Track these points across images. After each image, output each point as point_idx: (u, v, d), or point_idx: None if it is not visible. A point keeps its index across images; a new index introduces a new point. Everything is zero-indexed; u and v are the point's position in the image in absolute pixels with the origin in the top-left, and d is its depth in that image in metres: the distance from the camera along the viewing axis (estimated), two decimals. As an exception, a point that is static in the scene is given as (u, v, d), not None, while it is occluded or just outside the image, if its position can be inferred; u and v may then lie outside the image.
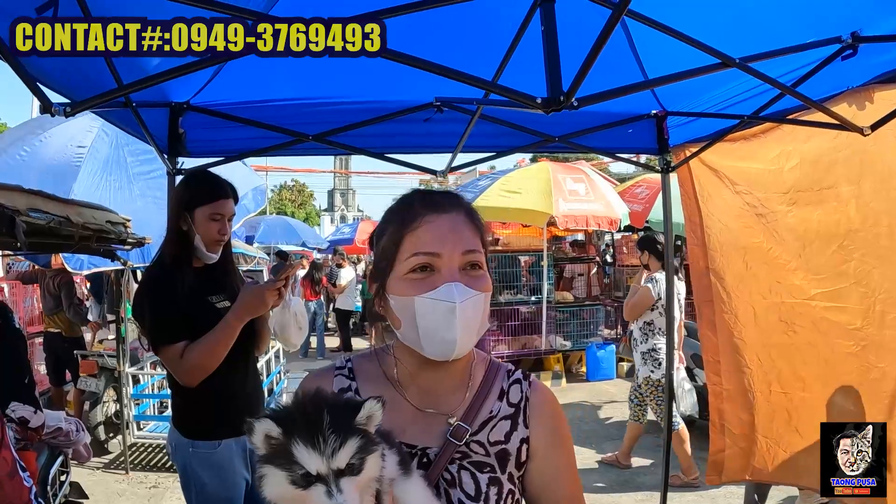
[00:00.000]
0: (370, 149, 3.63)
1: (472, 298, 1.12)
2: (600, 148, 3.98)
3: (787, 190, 3.11)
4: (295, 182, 68.38)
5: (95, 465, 5.84)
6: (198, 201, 2.52)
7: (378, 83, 3.17)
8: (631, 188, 10.32)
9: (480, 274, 1.17)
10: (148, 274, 2.59)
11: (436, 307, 1.11)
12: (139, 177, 5.49)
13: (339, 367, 1.29)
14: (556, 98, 1.68)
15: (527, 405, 1.26)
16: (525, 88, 1.75)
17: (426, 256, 1.14)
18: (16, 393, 2.56)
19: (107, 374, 6.02)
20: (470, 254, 1.16)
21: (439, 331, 1.12)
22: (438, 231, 1.15)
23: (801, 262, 3.11)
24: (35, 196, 2.57)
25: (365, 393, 1.22)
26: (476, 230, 1.20)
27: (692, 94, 3.45)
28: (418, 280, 1.14)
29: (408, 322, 1.15)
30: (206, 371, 2.40)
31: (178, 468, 2.61)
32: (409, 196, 1.25)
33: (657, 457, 5.82)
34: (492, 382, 1.27)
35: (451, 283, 1.12)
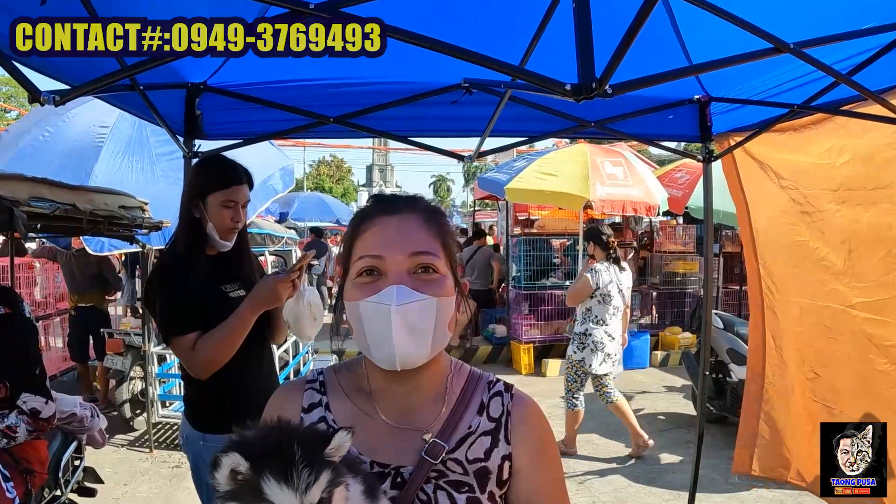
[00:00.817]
0: (394, 132, 3.49)
1: (417, 302, 1.05)
2: (638, 135, 3.78)
3: (836, 187, 2.88)
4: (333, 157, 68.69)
5: (120, 443, 5.88)
6: (210, 188, 2.42)
7: (403, 64, 3.01)
8: (671, 172, 10.01)
9: (434, 278, 1.10)
10: (160, 261, 2.52)
11: (377, 311, 1.06)
12: (161, 157, 5.42)
13: (311, 380, 1.22)
14: (587, 84, 1.50)
15: (508, 419, 1.17)
16: (557, 73, 1.58)
17: (370, 259, 1.09)
18: (27, 384, 2.52)
19: (133, 352, 6.03)
20: (420, 255, 1.09)
21: (381, 337, 1.06)
22: (385, 233, 1.11)
23: (846, 267, 2.90)
24: (39, 184, 2.48)
25: (336, 408, 1.17)
26: (435, 232, 1.13)
27: (738, 80, 3.23)
28: (365, 284, 1.09)
29: (358, 328, 1.10)
30: (218, 364, 2.33)
31: (190, 460, 2.56)
32: (370, 199, 1.21)
33: (688, 454, 5.64)
34: (471, 395, 1.19)
35: (393, 286, 1.06)
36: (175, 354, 2.41)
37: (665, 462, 5.65)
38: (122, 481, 5.05)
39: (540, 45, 2.43)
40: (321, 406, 1.17)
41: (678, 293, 10.42)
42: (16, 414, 2.47)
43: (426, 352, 1.09)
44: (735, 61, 1.87)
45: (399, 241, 1.09)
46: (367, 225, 1.12)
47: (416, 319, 1.05)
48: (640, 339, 9.23)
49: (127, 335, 6.14)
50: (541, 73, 1.59)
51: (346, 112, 3.24)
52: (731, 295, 10.59)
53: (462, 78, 2.99)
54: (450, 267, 1.13)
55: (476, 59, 1.56)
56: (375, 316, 1.05)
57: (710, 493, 4.86)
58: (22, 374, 2.52)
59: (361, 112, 3.23)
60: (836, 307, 2.99)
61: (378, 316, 1.05)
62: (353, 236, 1.14)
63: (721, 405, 6.22)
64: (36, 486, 2.73)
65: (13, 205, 2.15)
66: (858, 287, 2.81)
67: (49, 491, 2.96)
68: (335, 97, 3.25)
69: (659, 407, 7.27)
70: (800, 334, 3.22)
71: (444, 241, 1.14)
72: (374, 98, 3.21)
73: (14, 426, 2.46)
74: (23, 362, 2.54)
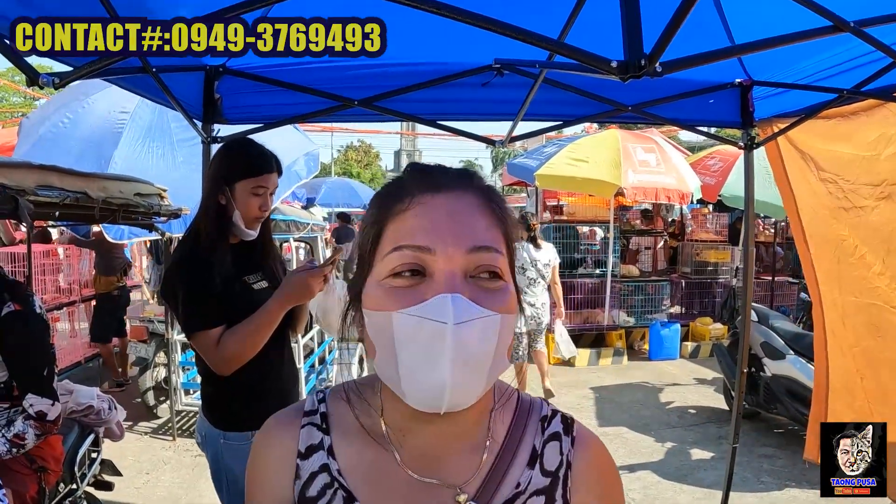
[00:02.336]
0: (421, 115, 3.37)
1: (480, 321, 0.75)
2: (677, 119, 3.61)
3: (879, 182, 2.71)
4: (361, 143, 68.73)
5: (144, 431, 5.87)
6: (239, 174, 2.27)
7: (430, 44, 2.87)
8: (703, 160, 9.76)
9: (498, 286, 0.80)
10: (180, 251, 2.34)
11: (420, 329, 0.75)
12: (183, 143, 5.33)
13: (309, 410, 0.93)
14: (635, 62, 1.37)
15: (569, 474, 0.88)
16: (596, 49, 1.44)
17: (413, 252, 0.78)
18: (35, 384, 2.43)
19: (157, 339, 6.02)
20: (482, 252, 0.79)
21: (424, 367, 0.75)
22: (432, 216, 0.80)
23: (884, 267, 2.73)
24: (49, 172, 2.39)
25: (341, 454, 0.88)
26: (496, 220, 0.83)
27: (783, 63, 3.04)
28: (402, 288, 0.78)
29: (384, 351, 0.79)
30: (243, 360, 2.20)
31: (209, 459, 2.43)
32: (406, 169, 0.89)
33: (720, 450, 5.49)
34: (519, 439, 0.90)
35: (446, 294, 0.75)
36: (197, 350, 2.24)
37: (696, 458, 5.49)
38: (145, 470, 5.02)
39: (577, 23, 2.27)
40: (323, 450, 0.89)
41: (709, 283, 10.18)
42: (22, 420, 2.40)
43: (480, 390, 0.80)
44: (790, 40, 1.70)
45: (453, 229, 0.79)
46: (403, 204, 0.81)
47: (476, 346, 0.75)
48: (670, 330, 9.04)
49: (150, 322, 6.12)
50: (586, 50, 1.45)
51: (371, 95, 3.12)
52: (761, 286, 10.32)
53: (493, 59, 2.85)
54: (511, 270, 0.85)
55: (510, 31, 1.43)
56: (419, 337, 0.75)
57: (742, 492, 4.70)
58: (30, 374, 2.44)
59: (387, 94, 3.10)
60: (881, 305, 2.82)
61: (423, 338, 0.75)
62: (381, 219, 0.83)
63: (754, 400, 6.02)
64: (50, 483, 2.67)
65: (18, 194, 2.06)
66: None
67: (65, 485, 2.90)
68: (360, 79, 3.13)
69: (689, 400, 7.09)
70: (845, 335, 3.06)
71: (508, 234, 0.85)
72: (401, 80, 3.08)
73: (22, 433, 2.40)
74: (32, 362, 2.45)
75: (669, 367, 8.68)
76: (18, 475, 2.50)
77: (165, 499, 4.58)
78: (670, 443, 5.80)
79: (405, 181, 0.85)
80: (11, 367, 2.39)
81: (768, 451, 5.58)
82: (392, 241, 0.80)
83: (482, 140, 3.69)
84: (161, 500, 4.57)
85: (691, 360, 9.05)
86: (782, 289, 10.37)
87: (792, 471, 5.11)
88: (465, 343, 0.74)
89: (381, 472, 0.87)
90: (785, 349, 5.68)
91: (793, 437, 5.78)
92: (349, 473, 0.87)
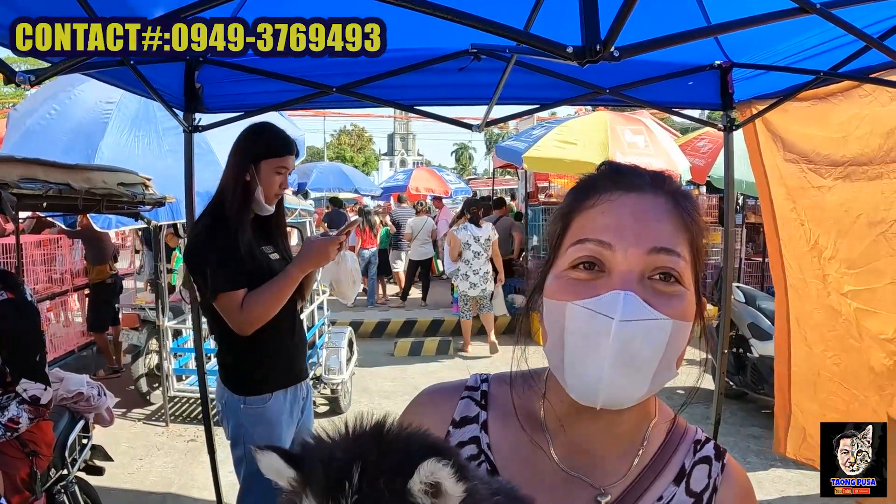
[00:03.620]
0: (400, 101, 3.38)
1: (647, 322, 0.75)
2: (656, 102, 3.62)
3: (842, 162, 2.73)
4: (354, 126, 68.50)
5: (137, 417, 5.93)
6: (266, 154, 2.54)
7: (408, 30, 2.88)
8: (693, 141, 9.78)
9: (676, 291, 0.80)
10: (206, 221, 2.55)
11: (590, 322, 0.76)
12: (169, 132, 5.33)
13: (472, 386, 0.96)
14: (591, 47, 1.39)
15: (713, 498, 0.88)
16: (567, 37, 1.46)
17: (594, 246, 0.80)
18: (28, 370, 2.52)
19: (149, 326, 6.06)
20: (662, 254, 0.79)
21: (586, 359, 0.77)
22: (617, 214, 0.81)
23: (835, 250, 2.77)
24: (33, 165, 2.44)
25: (494, 431, 0.90)
26: (682, 226, 0.82)
27: (762, 45, 3.06)
28: (580, 281, 0.80)
29: (555, 338, 0.81)
30: (263, 320, 2.44)
31: (230, 426, 2.62)
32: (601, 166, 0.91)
33: (707, 430, 5.49)
34: (670, 454, 0.90)
35: (620, 291, 0.76)
36: (222, 311, 2.44)
37: (684, 437, 5.56)
38: (138, 456, 5.09)
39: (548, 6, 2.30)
40: (477, 423, 0.91)
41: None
42: (16, 404, 2.47)
43: (641, 393, 0.80)
44: (755, 22, 1.71)
45: (636, 230, 0.79)
46: (594, 199, 0.83)
47: (640, 346, 0.76)
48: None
49: (142, 310, 6.15)
50: (543, 37, 1.48)
51: (349, 81, 3.13)
52: (753, 267, 10.37)
53: (470, 44, 2.87)
54: (694, 278, 0.83)
55: (477, 23, 1.45)
56: (587, 329, 0.77)
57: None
58: (23, 360, 2.52)
59: (365, 81, 3.11)
60: (831, 292, 2.87)
61: (590, 330, 0.76)
62: (569, 212, 0.85)
63: (741, 381, 6.11)
64: (42, 467, 2.72)
65: (2, 187, 2.09)
66: (849, 274, 2.69)
67: (56, 471, 2.95)
68: (338, 66, 3.13)
69: (678, 381, 7.06)
70: (822, 317, 3.09)
71: (694, 239, 0.83)
72: (379, 66, 3.08)
73: (17, 417, 2.47)
74: (24, 348, 2.53)
75: (660, 347, 8.75)
76: (10, 458, 2.57)
77: (158, 483, 4.65)
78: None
79: (597, 179, 0.87)
80: (5, 353, 2.46)
81: (755, 431, 5.66)
82: (576, 235, 0.82)
83: (459, 124, 3.71)
84: (154, 484, 4.63)
85: (682, 340, 9.12)
86: (773, 270, 10.41)
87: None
88: (628, 341, 0.75)
89: (529, 456, 0.88)
90: (772, 330, 5.73)
91: (779, 415, 5.86)
92: (497, 450, 0.89)
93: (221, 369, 2.64)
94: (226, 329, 2.50)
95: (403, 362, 8.21)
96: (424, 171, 21.30)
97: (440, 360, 8.35)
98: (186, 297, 6.67)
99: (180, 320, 6.22)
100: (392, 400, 6.52)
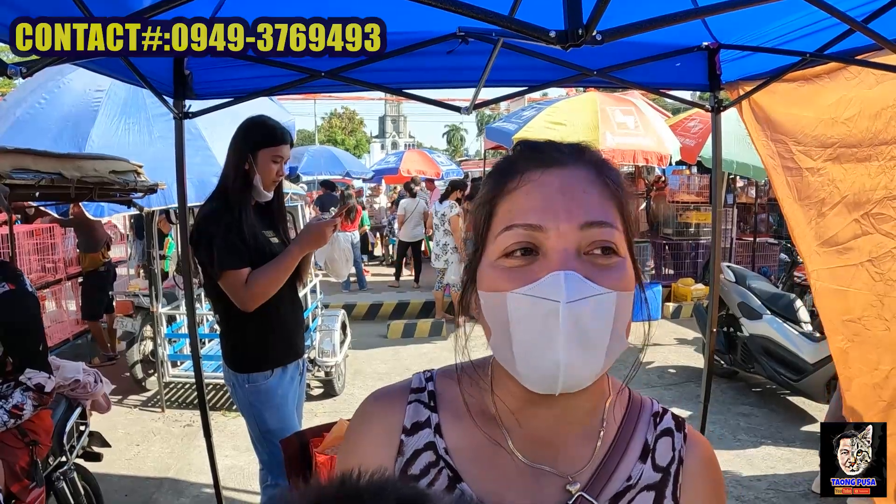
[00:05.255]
0: (389, 84, 3.37)
1: (594, 298, 0.73)
2: (645, 83, 3.63)
3: (831, 144, 2.74)
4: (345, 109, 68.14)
5: (133, 404, 5.96)
6: (262, 144, 2.74)
7: (395, 14, 2.88)
8: (683, 121, 9.79)
9: (614, 262, 0.77)
10: (212, 206, 2.73)
11: (535, 309, 0.73)
12: (158, 118, 5.31)
13: (417, 388, 0.92)
14: (573, 31, 1.39)
15: (679, 470, 0.88)
16: (553, 19, 1.47)
17: (525, 231, 0.77)
18: (31, 359, 2.57)
19: (143, 313, 6.07)
20: (595, 228, 0.76)
21: (539, 346, 0.74)
22: (543, 193, 0.78)
23: (808, 228, 2.78)
24: (24, 155, 2.45)
25: (449, 433, 0.87)
26: (610, 194, 0.80)
27: (749, 26, 3.07)
28: (515, 268, 0.77)
29: (499, 332, 0.78)
30: (265, 297, 2.63)
31: (242, 406, 2.84)
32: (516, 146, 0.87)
33: (696, 408, 5.58)
34: (632, 433, 0.89)
35: (559, 271, 0.73)
36: (226, 288, 2.61)
37: (675, 416, 5.64)
38: (135, 442, 5.12)
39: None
40: (430, 427, 0.87)
41: (691, 244, 10.31)
42: (21, 391, 2.51)
43: (598, 369, 0.77)
44: (739, 5, 1.74)
45: (566, 207, 0.77)
46: (516, 182, 0.80)
47: (590, 323, 0.73)
48: (651, 291, 9.16)
49: (136, 297, 6.17)
50: (527, 21, 1.49)
51: (338, 66, 3.13)
52: (745, 247, 10.46)
53: (457, 27, 2.87)
54: (628, 244, 0.81)
55: (462, 9, 1.46)
56: (533, 316, 0.74)
57: (719, 450, 4.74)
58: (26, 349, 2.57)
59: (354, 65, 3.10)
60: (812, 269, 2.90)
61: (537, 316, 0.74)
62: (493, 198, 0.82)
63: (732, 360, 6.19)
64: (41, 455, 2.77)
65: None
66: (826, 252, 2.71)
67: (54, 458, 2.98)
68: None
69: (669, 360, 7.25)
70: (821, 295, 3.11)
71: (625, 208, 0.82)
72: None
73: (21, 404, 2.51)
74: (27, 338, 2.58)
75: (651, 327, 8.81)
76: (10, 448, 2.60)
77: (155, 468, 4.69)
78: (650, 401, 5.94)
79: (515, 159, 0.83)
80: (8, 343, 2.50)
81: (745, 409, 5.74)
82: (504, 221, 0.79)
83: (448, 107, 3.71)
84: (151, 469, 4.67)
85: (673, 321, 9.20)
86: (764, 249, 10.51)
87: (768, 429, 5.28)
88: (579, 321, 0.73)
89: (489, 455, 0.85)
90: (762, 309, 5.80)
91: (770, 395, 5.95)
92: (456, 453, 0.85)
93: (226, 354, 2.84)
94: (229, 309, 2.67)
95: (397, 344, 8.25)
96: (416, 153, 21.27)
97: (433, 341, 8.39)
98: (180, 283, 6.69)
99: (174, 306, 6.24)
100: (386, 382, 6.54)
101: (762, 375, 5.86)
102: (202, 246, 2.64)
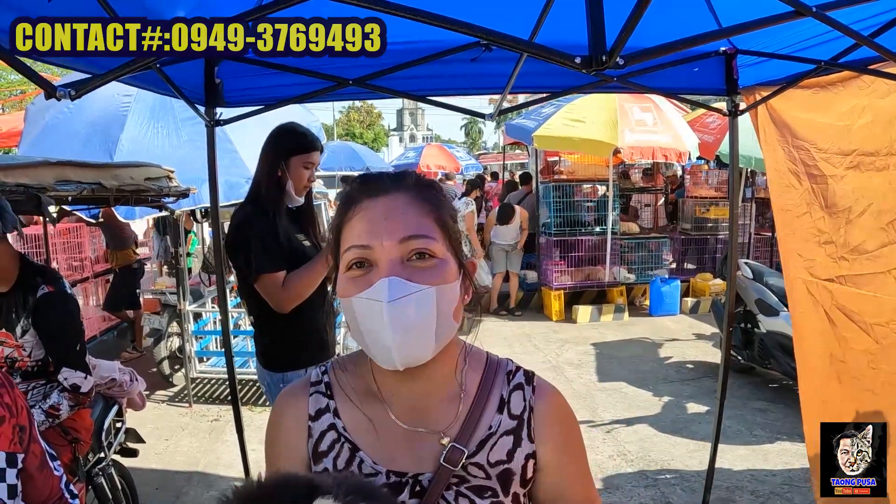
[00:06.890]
0: (414, 91, 3.46)
1: (413, 295, 0.94)
2: (663, 88, 3.68)
3: (850, 151, 2.78)
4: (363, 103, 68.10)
5: (161, 399, 6.11)
6: (294, 151, 2.82)
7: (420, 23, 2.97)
8: (702, 117, 9.78)
9: (431, 264, 0.98)
10: (247, 210, 2.81)
11: (369, 308, 0.95)
12: (186, 122, 5.44)
13: (315, 381, 1.13)
14: (597, 57, 1.48)
15: (531, 416, 1.08)
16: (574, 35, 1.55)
17: (358, 250, 0.98)
18: (69, 360, 2.66)
19: (169, 310, 6.21)
20: (412, 240, 0.97)
21: (377, 336, 0.96)
22: (370, 219, 0.99)
23: (838, 236, 2.82)
24: (65, 167, 2.56)
25: (345, 414, 1.08)
26: (427, 210, 1.01)
27: (766, 33, 3.12)
28: (357, 278, 0.98)
29: (354, 326, 1.00)
30: (301, 298, 2.69)
31: None
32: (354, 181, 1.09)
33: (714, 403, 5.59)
34: (489, 391, 1.10)
35: (385, 278, 0.95)
36: (263, 291, 2.68)
37: (692, 412, 5.70)
38: (164, 436, 5.27)
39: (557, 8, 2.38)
40: (329, 412, 1.09)
41: (709, 239, 10.30)
42: (58, 392, 2.61)
43: (430, 348, 0.98)
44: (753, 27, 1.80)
45: (386, 227, 0.98)
46: (353, 211, 1.02)
47: (413, 314, 0.95)
48: (670, 286, 9.20)
49: (162, 294, 6.31)
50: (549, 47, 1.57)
51: (364, 74, 3.22)
52: (762, 242, 10.42)
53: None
54: (450, 247, 1.02)
55: (484, 34, 1.55)
56: (369, 313, 0.95)
57: (735, 445, 4.91)
58: (64, 350, 2.66)
59: (380, 73, 3.19)
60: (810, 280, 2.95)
61: (371, 313, 0.95)
62: (339, 225, 1.04)
63: (749, 356, 6.21)
64: (83, 452, 2.89)
65: (40, 191, 2.21)
66: (849, 260, 2.75)
67: (93, 454, 3.11)
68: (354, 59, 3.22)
69: (687, 355, 7.29)
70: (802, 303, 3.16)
71: (441, 218, 1.02)
72: (394, 58, 3.15)
73: (57, 404, 2.60)
74: (66, 339, 2.68)
75: (669, 322, 8.87)
76: (54, 445, 2.69)
77: (185, 462, 4.83)
78: (667, 397, 6.01)
79: (352, 192, 1.05)
80: (48, 344, 2.61)
81: (761, 405, 5.78)
82: (346, 242, 1.01)
83: (473, 114, 3.79)
84: (181, 463, 4.81)
85: (691, 316, 9.23)
86: (783, 245, 10.44)
87: (784, 424, 5.31)
88: (401, 314, 0.94)
89: (377, 426, 1.06)
90: (778, 305, 5.82)
91: (786, 391, 5.97)
92: (352, 429, 1.07)
93: (261, 353, 2.90)
94: (264, 310, 2.73)
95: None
96: (435, 147, 21.33)
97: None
98: (205, 281, 6.84)
99: (200, 303, 6.38)
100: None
101: (778, 371, 5.89)
102: (239, 250, 2.73)
